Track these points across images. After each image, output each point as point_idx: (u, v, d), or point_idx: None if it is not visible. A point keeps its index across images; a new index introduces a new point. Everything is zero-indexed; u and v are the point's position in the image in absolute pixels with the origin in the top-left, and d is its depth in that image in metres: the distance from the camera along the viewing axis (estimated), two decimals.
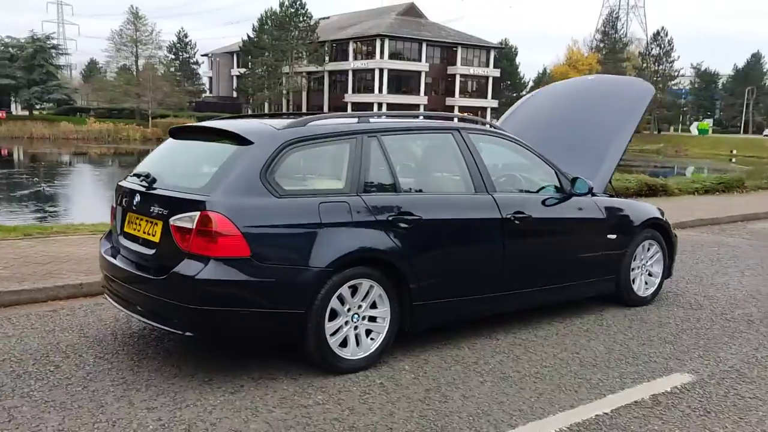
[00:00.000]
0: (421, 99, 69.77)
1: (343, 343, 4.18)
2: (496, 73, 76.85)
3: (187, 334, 3.84)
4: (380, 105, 66.47)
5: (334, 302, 4.06)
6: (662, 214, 6.30)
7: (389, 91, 68.57)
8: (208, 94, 76.72)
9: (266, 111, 71.26)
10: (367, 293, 4.23)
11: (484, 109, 74.15)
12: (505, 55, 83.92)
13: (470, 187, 4.84)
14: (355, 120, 4.57)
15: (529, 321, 5.44)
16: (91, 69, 79.44)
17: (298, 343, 4.06)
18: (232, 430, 3.35)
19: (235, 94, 75.89)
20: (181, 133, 4.66)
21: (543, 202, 5.28)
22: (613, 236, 5.70)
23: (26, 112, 57.15)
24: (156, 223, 3.99)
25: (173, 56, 71.98)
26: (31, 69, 55.23)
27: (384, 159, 4.45)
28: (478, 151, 4.95)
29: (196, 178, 4.04)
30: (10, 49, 56.22)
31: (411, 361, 4.45)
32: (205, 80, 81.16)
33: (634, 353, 4.83)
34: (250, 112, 72.56)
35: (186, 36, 73.04)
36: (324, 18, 77.45)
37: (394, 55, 69.20)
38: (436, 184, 4.89)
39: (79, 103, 70.31)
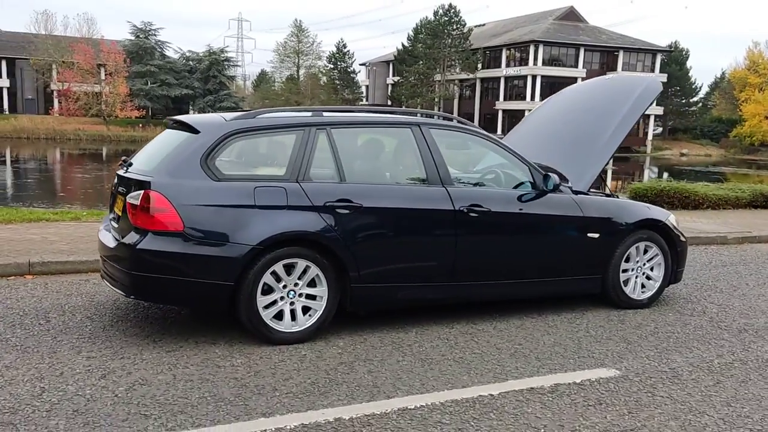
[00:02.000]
0: None
1: (280, 317, 4.67)
2: (663, 78, 72.50)
3: (131, 297, 4.55)
4: None
5: (267, 278, 4.57)
6: (667, 217, 6.14)
7: (542, 98, 67.08)
8: (363, 102, 79.59)
9: None
10: (304, 272, 4.69)
11: (646, 116, 70.37)
12: (675, 59, 79.08)
13: (424, 179, 5.14)
14: (309, 114, 5.05)
15: (502, 313, 5.63)
16: (261, 79, 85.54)
17: (232, 313, 4.62)
18: (141, 378, 3.96)
19: (389, 102, 78.12)
20: (170, 124, 5.38)
21: (508, 197, 5.44)
22: (595, 235, 5.70)
23: None
24: (122, 201, 4.74)
25: (332, 66, 75.57)
26: (206, 80, 60.73)
27: (330, 150, 4.89)
28: (437, 146, 5.23)
29: (153, 163, 4.72)
30: (190, 62, 62.17)
31: (349, 339, 4.85)
32: (364, 89, 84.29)
33: (577, 349, 4.89)
34: None
35: (345, 46, 76.33)
36: (479, 25, 77.60)
37: (548, 62, 67.78)
38: (385, 176, 5.23)
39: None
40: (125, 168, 4.95)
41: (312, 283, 4.75)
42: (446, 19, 66.76)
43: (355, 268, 4.80)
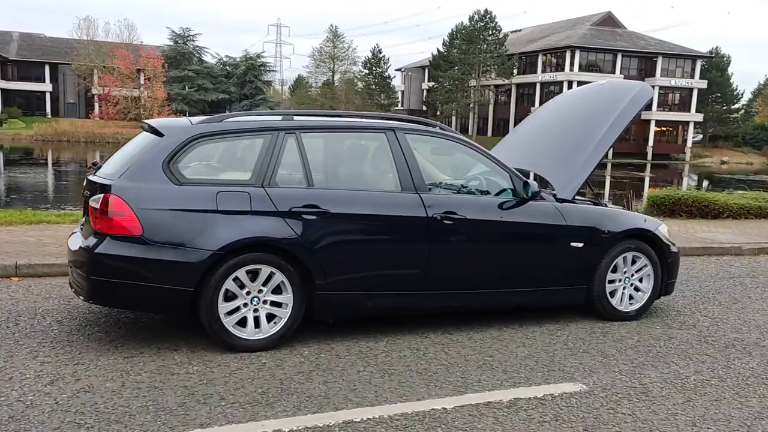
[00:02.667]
0: None
1: (243, 324, 4.64)
2: (703, 84, 71.04)
3: (90, 302, 4.55)
4: None
5: (229, 284, 4.53)
6: (657, 227, 5.95)
7: None
8: (399, 107, 79.64)
9: (453, 124, 72.46)
10: (269, 279, 4.65)
11: (686, 123, 69.06)
12: (716, 65, 77.30)
13: (397, 185, 5.05)
14: (279, 118, 5.01)
15: (482, 323, 5.51)
16: (298, 84, 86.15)
17: (195, 318, 4.59)
18: (88, 385, 3.94)
19: (424, 108, 78.02)
20: (145, 128, 5.34)
21: (485, 205, 5.32)
22: (579, 244, 5.55)
23: None
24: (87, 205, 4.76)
25: (367, 71, 75.75)
26: (242, 84, 61.46)
27: (299, 155, 4.84)
28: (412, 151, 5.14)
29: (118, 166, 4.72)
30: (227, 67, 63.00)
31: (316, 348, 4.79)
32: (399, 94, 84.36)
33: (549, 362, 4.75)
34: None
35: (380, 51, 76.40)
36: (515, 31, 77.00)
37: (585, 67, 66.87)
38: (356, 181, 5.15)
39: None
40: (94, 171, 4.98)
41: (277, 290, 4.70)
42: (482, 24, 66.44)
43: (321, 275, 4.74)
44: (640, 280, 5.92)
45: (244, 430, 3.48)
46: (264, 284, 4.65)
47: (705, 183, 42.25)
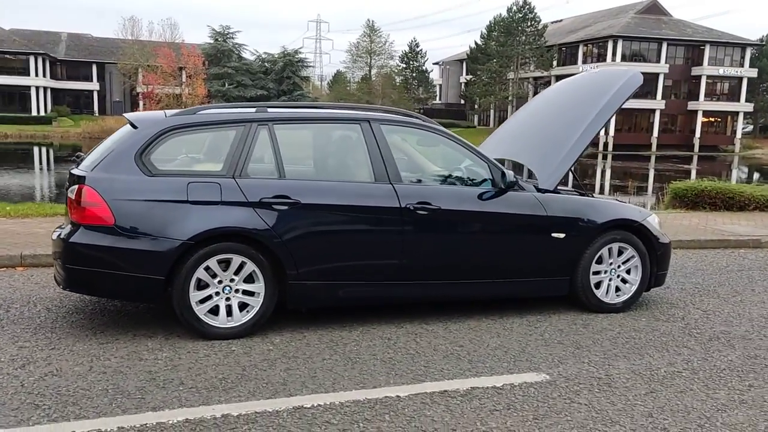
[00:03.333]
0: (658, 103, 65.04)
1: (216, 312, 4.75)
2: (753, 73, 68.87)
3: (67, 290, 4.72)
4: None
5: (200, 273, 4.64)
6: (644, 217, 5.85)
7: None
8: (437, 101, 79.38)
9: (491, 117, 71.88)
10: (240, 269, 4.75)
11: (735, 113, 67.13)
12: (766, 53, 74.93)
13: (371, 176, 5.09)
14: (253, 110, 5.10)
15: (464, 314, 5.53)
16: (336, 79, 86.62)
17: (169, 306, 4.72)
18: (57, 369, 4.10)
19: (462, 101, 77.57)
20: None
21: (462, 195, 5.32)
22: (560, 235, 5.51)
23: None
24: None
25: (404, 65, 75.66)
26: (280, 81, 61.95)
27: (271, 146, 4.92)
28: (387, 142, 5.17)
29: (94, 158, 4.87)
30: (266, 63, 63.62)
31: (288, 336, 4.87)
32: (437, 88, 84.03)
33: (519, 352, 4.74)
34: (476, 119, 73.73)
35: (417, 45, 76.25)
36: (555, 21, 75.87)
37: (628, 57, 65.49)
38: (329, 172, 5.20)
39: None
40: (77, 165, 5.15)
41: (249, 280, 4.79)
42: (520, 15, 65.67)
43: (292, 265, 4.82)
44: (628, 272, 5.84)
45: (193, 414, 3.58)
46: (236, 273, 4.75)
47: (756, 175, 41.06)
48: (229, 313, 4.78)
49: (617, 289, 5.83)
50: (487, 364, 4.51)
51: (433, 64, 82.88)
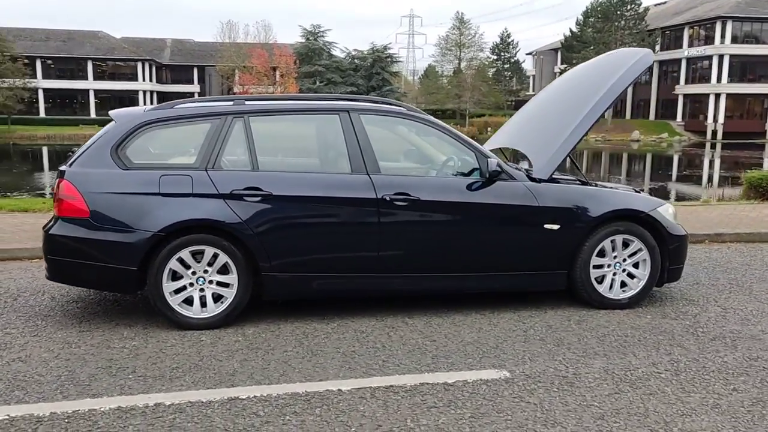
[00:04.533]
0: None
1: (190, 303, 4.84)
2: None
3: (50, 279, 4.93)
4: (717, 96, 59.90)
5: (173, 264, 4.74)
6: (653, 207, 5.46)
7: (730, 80, 61.15)
8: (530, 92, 77.53)
9: None
10: (214, 260, 4.81)
11: None
12: None
13: (348, 167, 5.03)
14: (231, 103, 5.14)
15: (451, 308, 5.39)
16: (428, 74, 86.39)
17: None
18: (27, 355, 4.29)
19: None
20: None
21: (443, 186, 5.16)
22: (554, 227, 5.24)
23: None
24: None
25: (495, 57, 74.38)
26: (370, 77, 62.46)
27: (245, 138, 4.94)
28: (366, 132, 5.08)
29: (77, 153, 5.03)
30: (356, 60, 64.36)
31: (262, 328, 4.88)
32: (531, 79, 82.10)
33: (492, 348, 4.56)
34: None
35: (509, 36, 74.73)
36: (659, 4, 72.43)
37: (739, 39, 61.50)
38: (305, 164, 5.17)
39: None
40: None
41: (223, 271, 4.84)
42: (619, 0, 63.04)
43: (265, 257, 4.83)
44: (635, 266, 5.48)
45: (128, 402, 3.65)
46: (209, 265, 4.81)
47: None
48: (204, 304, 4.85)
49: (623, 284, 5.48)
50: (450, 359, 4.36)
51: (526, 54, 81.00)
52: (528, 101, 7.12)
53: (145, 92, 65.71)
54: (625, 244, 5.43)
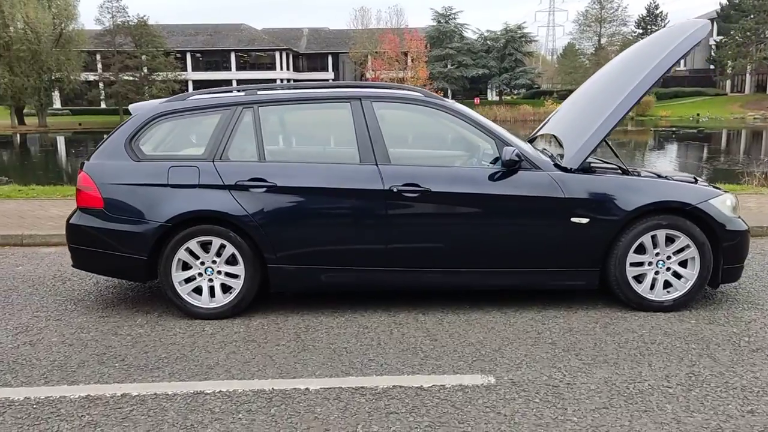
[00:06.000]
0: None
1: (200, 292, 4.90)
2: None
3: (74, 267, 5.16)
4: None
5: (182, 254, 4.81)
6: (704, 199, 4.84)
7: None
8: (680, 67, 72.26)
9: (747, 83, 63.78)
10: (221, 250, 4.85)
11: None
12: None
13: (357, 157, 4.87)
14: (243, 93, 5.12)
15: (472, 305, 5.10)
16: (567, 52, 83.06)
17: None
18: (37, 338, 4.52)
19: (712, 66, 69.79)
20: None
21: (457, 176, 4.86)
22: (583, 220, 4.78)
23: (497, 98, 63.81)
24: None
25: (641, 31, 69.91)
26: (502, 58, 61.22)
27: (254, 129, 4.91)
28: (377, 121, 4.89)
29: (98, 146, 5.23)
30: (488, 42, 63.24)
31: (270, 320, 4.84)
32: None
33: (490, 352, 4.25)
34: (728, 85, 66.02)
35: (656, 8, 69.92)
36: None
37: None
38: (313, 154, 5.04)
39: (545, 87, 74.41)
40: None
41: (233, 262, 4.86)
42: None
43: (270, 248, 4.79)
44: (682, 264, 4.90)
45: (98, 390, 3.73)
46: (217, 255, 4.85)
47: None
48: (212, 294, 4.90)
49: (667, 284, 4.92)
50: (441, 361, 4.10)
51: None
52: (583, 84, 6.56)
53: (282, 80, 68.31)
54: (670, 240, 4.87)
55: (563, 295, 5.26)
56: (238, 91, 5.23)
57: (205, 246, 4.84)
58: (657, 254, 4.88)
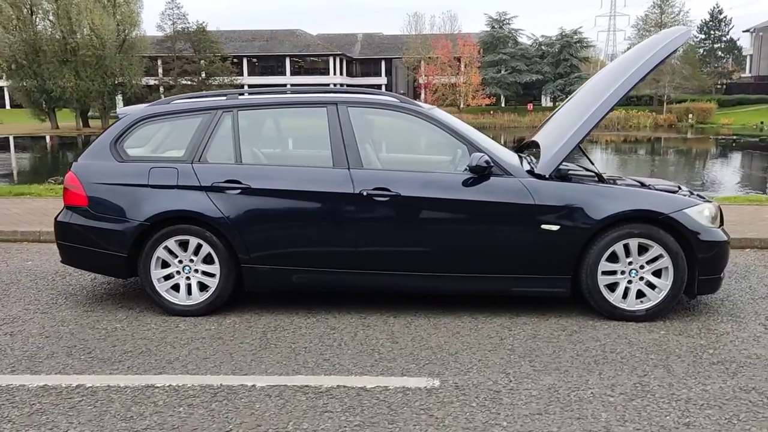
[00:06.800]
0: None
1: (178, 289, 5.07)
2: None
3: (62, 263, 5.40)
4: None
5: (161, 252, 4.99)
6: (678, 208, 4.75)
7: None
8: (746, 74, 69.76)
9: None
10: (198, 250, 5.01)
11: None
12: None
13: (330, 161, 4.96)
14: (224, 97, 5.28)
15: (445, 311, 5.12)
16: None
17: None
18: (19, 329, 4.76)
19: None
20: None
21: (427, 181, 4.89)
22: (554, 227, 4.75)
23: (551, 104, 62.89)
24: None
25: (703, 36, 67.90)
26: (557, 64, 60.32)
27: (232, 133, 5.07)
28: (351, 125, 4.97)
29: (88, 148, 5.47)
30: (543, 47, 62.45)
31: (245, 318, 4.97)
32: (747, 59, 73.92)
33: (443, 356, 4.27)
34: None
35: (720, 12, 67.79)
36: None
37: None
38: (289, 157, 5.16)
39: None
40: None
41: (210, 261, 5.02)
42: None
43: (244, 249, 4.93)
44: (657, 274, 4.80)
45: (56, 381, 3.90)
46: (195, 254, 5.01)
47: None
48: (189, 291, 5.06)
49: (640, 293, 4.83)
50: (393, 364, 4.15)
51: (743, 31, 72.95)
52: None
53: (335, 85, 69.09)
54: (643, 249, 4.78)
55: (538, 302, 5.22)
56: (222, 95, 5.39)
57: (183, 245, 5.01)
58: (630, 263, 4.81)
